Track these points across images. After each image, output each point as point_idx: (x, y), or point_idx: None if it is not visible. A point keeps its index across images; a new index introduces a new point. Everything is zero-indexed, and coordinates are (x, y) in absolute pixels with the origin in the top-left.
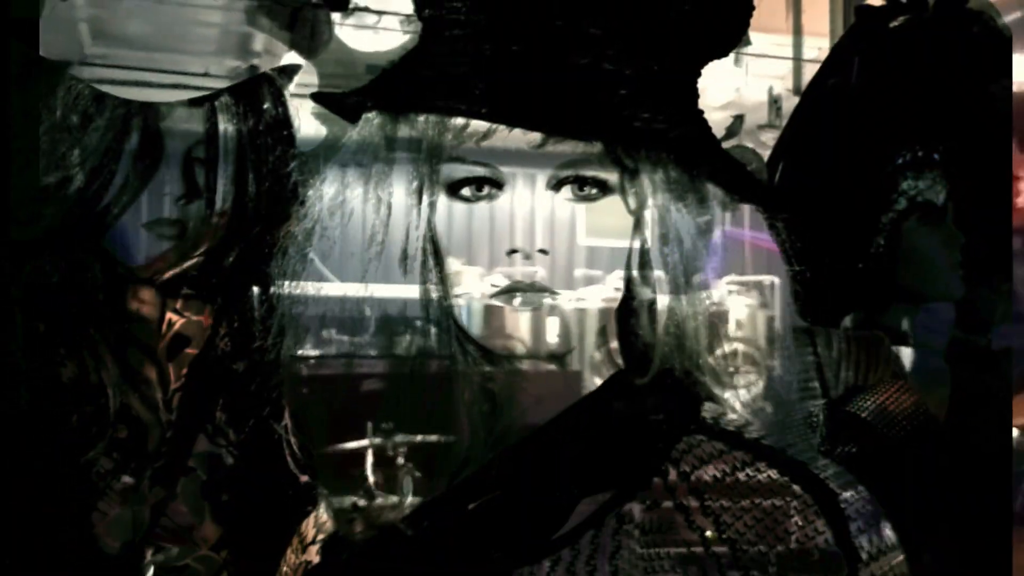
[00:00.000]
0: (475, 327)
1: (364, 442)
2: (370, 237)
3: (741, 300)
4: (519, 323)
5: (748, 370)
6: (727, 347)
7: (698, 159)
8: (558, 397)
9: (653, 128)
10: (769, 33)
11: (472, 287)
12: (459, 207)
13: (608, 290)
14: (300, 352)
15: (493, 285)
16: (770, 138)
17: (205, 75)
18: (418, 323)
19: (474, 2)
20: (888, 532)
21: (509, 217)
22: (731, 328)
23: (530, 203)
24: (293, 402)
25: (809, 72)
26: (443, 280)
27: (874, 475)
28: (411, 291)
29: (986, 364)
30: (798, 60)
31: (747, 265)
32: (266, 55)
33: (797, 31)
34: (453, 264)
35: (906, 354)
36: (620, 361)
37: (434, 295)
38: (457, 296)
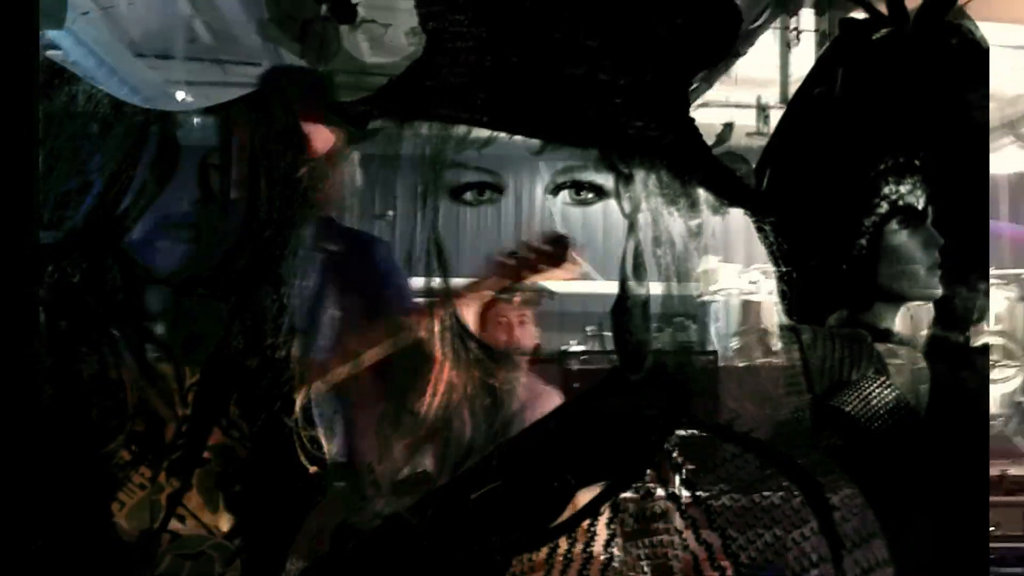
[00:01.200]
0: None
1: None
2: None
3: (1000, 293)
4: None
5: (1006, 364)
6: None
7: (689, 165)
8: None
9: (646, 135)
10: None
11: (730, 283)
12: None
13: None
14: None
15: (751, 282)
16: None
17: None
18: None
19: (476, 16)
20: (871, 521)
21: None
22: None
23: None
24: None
25: None
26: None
27: (857, 467)
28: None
29: (964, 360)
30: None
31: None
32: None
33: (786, 45)
34: (709, 261)
35: None
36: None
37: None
38: (714, 292)
